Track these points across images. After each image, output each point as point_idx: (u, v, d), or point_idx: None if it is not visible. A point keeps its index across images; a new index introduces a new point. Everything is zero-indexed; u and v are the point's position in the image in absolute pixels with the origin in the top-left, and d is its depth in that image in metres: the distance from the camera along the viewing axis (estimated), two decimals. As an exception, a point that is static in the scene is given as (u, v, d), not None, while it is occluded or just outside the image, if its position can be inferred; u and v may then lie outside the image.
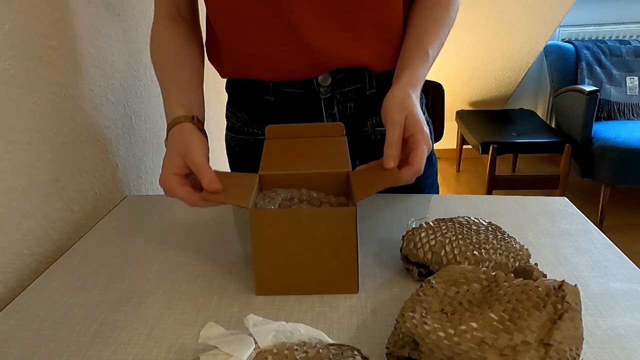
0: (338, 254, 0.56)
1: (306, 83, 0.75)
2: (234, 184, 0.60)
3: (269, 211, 0.56)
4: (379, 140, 0.80)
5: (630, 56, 2.73)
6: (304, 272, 0.57)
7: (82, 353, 0.50)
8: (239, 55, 0.76)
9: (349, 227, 0.55)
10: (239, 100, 0.84)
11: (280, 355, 0.40)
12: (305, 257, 0.56)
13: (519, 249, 0.58)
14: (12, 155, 0.65)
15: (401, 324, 0.43)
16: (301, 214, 0.55)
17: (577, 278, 0.60)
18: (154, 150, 1.12)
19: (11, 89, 0.65)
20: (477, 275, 0.46)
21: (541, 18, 2.50)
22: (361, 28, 0.71)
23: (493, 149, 2.52)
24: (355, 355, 0.42)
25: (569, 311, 0.39)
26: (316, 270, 0.57)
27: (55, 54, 0.74)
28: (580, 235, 0.70)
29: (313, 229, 0.55)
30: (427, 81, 1.32)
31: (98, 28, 0.87)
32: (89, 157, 0.84)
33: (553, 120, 3.13)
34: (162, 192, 0.61)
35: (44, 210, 0.72)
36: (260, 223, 0.55)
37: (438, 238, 0.57)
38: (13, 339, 0.53)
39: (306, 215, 0.55)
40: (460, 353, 0.38)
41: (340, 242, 0.56)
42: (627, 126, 2.51)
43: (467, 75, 2.99)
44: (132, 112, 1.01)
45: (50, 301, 0.59)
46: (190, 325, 0.54)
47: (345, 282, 0.58)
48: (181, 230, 0.75)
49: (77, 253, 0.70)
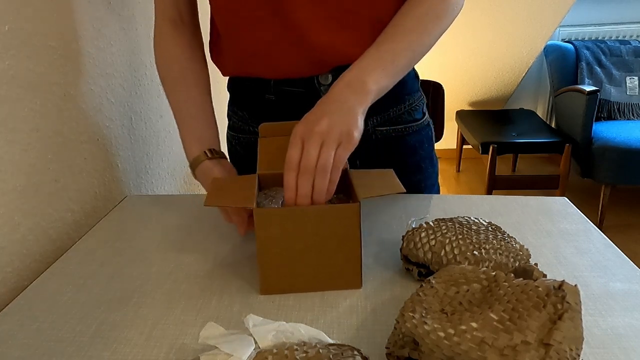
0: (342, 250, 0.57)
1: (307, 82, 0.75)
2: (235, 187, 0.61)
3: (274, 210, 0.56)
4: (379, 140, 0.81)
5: (630, 56, 2.73)
6: (308, 270, 0.58)
7: (82, 353, 0.50)
8: (241, 54, 0.76)
9: (354, 224, 0.56)
10: (240, 99, 0.84)
11: (280, 355, 0.40)
12: (310, 254, 0.57)
13: (519, 249, 0.58)
14: (12, 155, 0.65)
15: (401, 324, 0.43)
16: (306, 212, 0.55)
17: (577, 278, 0.60)
18: (154, 150, 1.12)
19: (11, 89, 0.65)
20: (477, 275, 0.46)
21: (541, 18, 2.50)
22: (361, 26, 0.71)
23: (493, 149, 2.52)
24: (355, 355, 0.42)
25: (569, 311, 0.39)
26: (320, 267, 0.58)
27: (55, 54, 0.74)
28: (580, 235, 0.70)
29: (318, 227, 0.55)
30: (427, 81, 1.33)
31: (98, 28, 0.87)
32: (89, 157, 0.84)
33: (553, 120, 3.13)
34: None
35: (44, 210, 0.72)
36: (265, 222, 0.55)
37: (438, 238, 0.57)
38: (13, 339, 0.53)
39: (311, 213, 0.55)
40: (460, 353, 0.38)
41: (344, 238, 0.56)
42: (627, 126, 2.51)
43: (467, 75, 2.99)
44: (132, 112, 1.01)
45: (50, 301, 0.59)
46: (190, 325, 0.54)
47: (349, 278, 0.59)
48: (181, 230, 0.75)
49: (77, 253, 0.70)
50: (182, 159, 1.30)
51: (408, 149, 0.83)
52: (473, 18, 2.50)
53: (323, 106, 0.59)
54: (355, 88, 0.60)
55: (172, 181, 1.22)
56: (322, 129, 0.55)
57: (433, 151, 0.88)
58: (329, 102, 0.59)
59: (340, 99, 0.59)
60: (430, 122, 0.88)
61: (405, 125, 0.82)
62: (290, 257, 0.57)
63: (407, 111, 0.82)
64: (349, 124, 0.57)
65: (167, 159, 1.19)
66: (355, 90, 0.60)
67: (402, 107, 0.80)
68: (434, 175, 0.89)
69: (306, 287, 0.59)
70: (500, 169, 3.10)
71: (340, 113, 0.57)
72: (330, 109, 0.58)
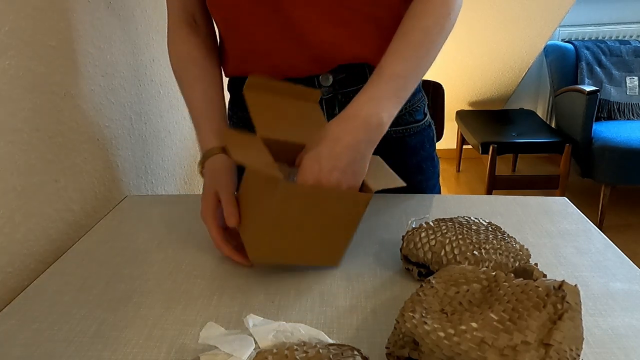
0: (338, 231, 0.60)
1: (307, 82, 0.75)
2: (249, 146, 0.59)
3: (298, 187, 0.57)
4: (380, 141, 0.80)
5: (630, 56, 2.73)
6: (299, 243, 0.59)
7: (82, 353, 0.50)
8: (240, 53, 0.76)
9: (360, 211, 0.59)
10: (241, 99, 0.84)
11: (280, 355, 0.40)
12: (307, 229, 0.58)
13: (519, 249, 0.58)
14: (12, 155, 0.65)
15: (401, 324, 0.43)
16: (325, 192, 0.57)
17: (577, 278, 0.60)
18: (154, 150, 1.12)
19: (11, 89, 0.65)
20: (477, 275, 0.46)
21: (541, 18, 2.50)
22: (360, 24, 0.71)
23: (493, 149, 2.52)
24: (355, 355, 0.42)
25: (569, 311, 0.39)
26: (312, 242, 0.60)
27: (55, 54, 0.74)
28: (580, 235, 0.70)
29: (329, 207, 0.57)
30: (427, 81, 1.32)
31: (98, 28, 0.87)
32: (89, 157, 0.84)
33: (553, 120, 3.13)
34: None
35: (44, 210, 0.72)
36: (287, 197, 0.55)
37: (438, 238, 0.57)
38: (13, 339, 0.53)
39: (328, 195, 0.57)
40: (460, 353, 0.38)
41: (346, 221, 0.59)
42: (627, 126, 2.51)
43: (467, 75, 2.99)
44: (132, 112, 1.01)
45: (50, 301, 0.59)
46: (190, 325, 0.54)
47: (332, 256, 0.62)
48: (181, 230, 0.75)
49: (77, 253, 0.70)
50: (182, 159, 1.30)
51: (409, 149, 0.83)
52: (473, 18, 2.50)
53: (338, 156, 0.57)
54: (371, 128, 0.60)
55: (172, 181, 1.22)
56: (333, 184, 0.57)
57: (434, 152, 0.88)
58: (346, 151, 0.57)
59: (358, 149, 0.58)
60: (431, 122, 0.88)
61: (407, 126, 0.82)
62: (289, 229, 0.58)
63: (409, 112, 0.82)
64: (357, 180, 0.59)
65: (167, 159, 1.19)
66: (370, 134, 0.60)
67: (403, 108, 0.80)
68: (435, 176, 0.89)
69: (291, 259, 0.60)
70: (500, 169, 3.10)
71: (352, 165, 0.58)
72: (345, 162, 0.57)
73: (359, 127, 0.59)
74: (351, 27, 0.71)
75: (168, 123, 1.20)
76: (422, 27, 0.66)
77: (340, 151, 0.57)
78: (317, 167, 0.57)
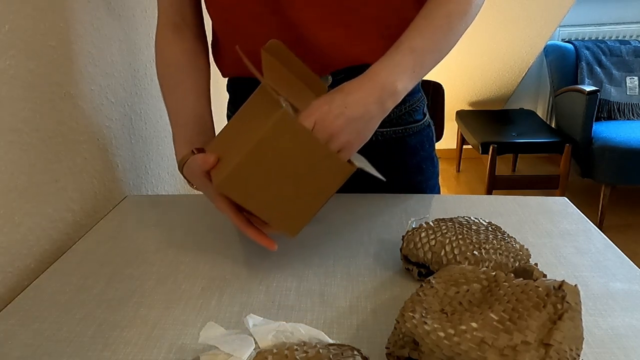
0: (309, 197, 0.58)
1: (307, 83, 0.75)
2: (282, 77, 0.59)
3: (297, 121, 0.54)
4: (379, 142, 0.80)
5: (630, 56, 2.73)
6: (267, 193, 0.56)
7: (82, 353, 0.50)
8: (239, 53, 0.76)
9: (337, 181, 0.58)
10: (240, 99, 0.83)
11: (280, 355, 0.40)
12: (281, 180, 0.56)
13: (519, 249, 0.58)
14: (12, 155, 0.65)
15: (401, 324, 0.43)
16: (316, 144, 0.55)
17: (577, 278, 0.60)
18: (154, 150, 1.12)
19: (11, 89, 0.65)
20: (477, 275, 0.46)
21: (541, 18, 2.50)
22: (361, 25, 0.71)
23: (493, 149, 2.52)
24: (355, 355, 0.42)
25: (569, 311, 0.39)
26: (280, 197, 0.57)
27: (55, 54, 0.74)
28: (580, 235, 0.70)
29: (311, 163, 0.56)
30: (427, 81, 1.33)
31: (98, 28, 0.87)
32: (89, 157, 0.84)
33: (553, 120, 3.13)
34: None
35: (44, 210, 0.72)
36: (281, 128, 0.53)
37: (438, 238, 0.57)
38: (13, 339, 0.53)
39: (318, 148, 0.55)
40: (460, 353, 0.38)
41: (320, 189, 0.57)
42: (627, 126, 2.51)
43: (467, 75, 2.99)
44: (132, 112, 1.01)
45: (50, 301, 0.59)
46: (190, 325, 0.54)
47: (292, 224, 0.59)
48: (181, 230, 0.75)
49: (77, 253, 0.70)
50: (182, 159, 1.30)
51: (409, 150, 0.83)
52: (473, 18, 2.50)
53: (348, 105, 0.57)
54: (385, 93, 0.59)
55: (172, 181, 1.22)
56: (335, 130, 0.56)
57: (434, 152, 0.88)
58: (356, 104, 0.57)
59: (368, 108, 0.58)
60: (430, 122, 0.88)
61: (406, 126, 0.82)
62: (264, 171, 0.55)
63: (408, 112, 0.82)
64: (361, 139, 0.59)
65: (167, 159, 1.19)
66: (384, 98, 0.59)
67: (402, 108, 0.80)
68: (434, 176, 0.89)
69: (252, 204, 0.57)
70: (500, 169, 3.11)
71: (360, 123, 0.58)
72: (353, 113, 0.57)
73: (373, 88, 0.59)
74: (351, 28, 0.71)
75: (168, 123, 1.19)
76: (445, 11, 0.66)
77: (353, 102, 0.57)
78: (327, 108, 0.56)
